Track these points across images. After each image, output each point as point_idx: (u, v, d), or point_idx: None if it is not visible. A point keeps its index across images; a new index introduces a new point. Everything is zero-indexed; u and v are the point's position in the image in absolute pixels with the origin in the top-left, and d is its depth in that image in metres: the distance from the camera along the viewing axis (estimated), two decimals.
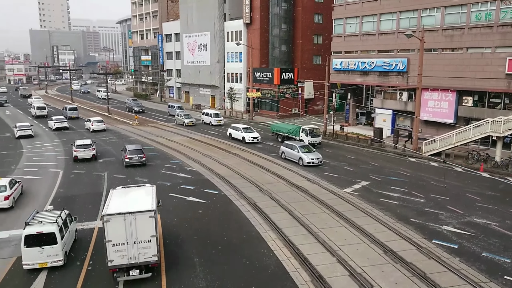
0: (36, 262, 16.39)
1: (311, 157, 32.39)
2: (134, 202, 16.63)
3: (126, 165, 32.22)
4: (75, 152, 34.16)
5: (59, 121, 50.79)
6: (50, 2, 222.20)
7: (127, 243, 15.32)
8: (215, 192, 26.03)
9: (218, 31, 67.03)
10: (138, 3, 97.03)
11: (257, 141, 41.22)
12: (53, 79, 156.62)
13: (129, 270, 15.52)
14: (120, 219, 15.21)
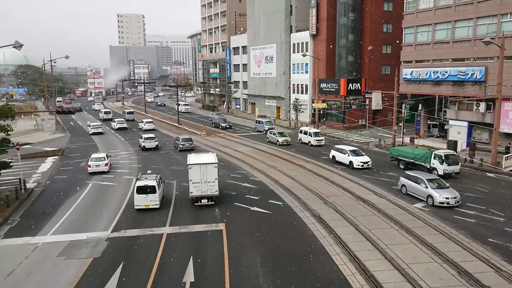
0: (142, 204, 24.66)
1: (445, 195, 24.80)
2: (204, 159, 26.26)
3: (180, 150, 43.30)
4: (143, 143, 44.81)
5: (119, 122, 62.33)
6: (128, 20, 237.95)
7: (201, 182, 25.15)
8: (279, 203, 26.04)
9: (284, 43, 67.60)
10: (208, 18, 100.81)
11: (367, 166, 34.49)
12: (129, 92, 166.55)
13: (201, 199, 25.31)
14: (197, 167, 25.18)
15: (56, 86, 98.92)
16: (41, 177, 34.27)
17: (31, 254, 19.36)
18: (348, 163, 35.49)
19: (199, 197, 25.33)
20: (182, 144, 43.71)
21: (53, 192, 29.89)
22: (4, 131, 26.69)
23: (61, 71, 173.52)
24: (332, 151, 38.15)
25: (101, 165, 34.69)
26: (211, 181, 25.28)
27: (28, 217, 24.54)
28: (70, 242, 20.58)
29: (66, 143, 51.38)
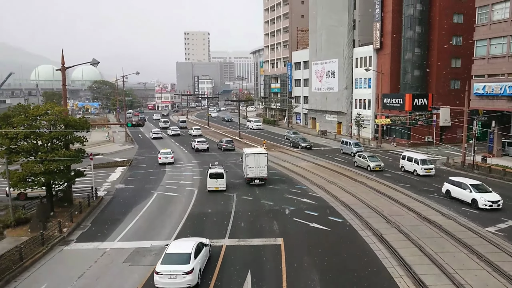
0: (213, 186, 32.84)
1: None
2: (257, 151, 36.72)
3: (223, 150, 54.25)
4: (196, 145, 54.92)
5: (174, 130, 75.08)
6: (194, 37, 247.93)
7: (255, 167, 34.71)
8: (339, 220, 25.48)
9: (346, 58, 66.82)
10: (271, 34, 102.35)
11: (498, 206, 27.03)
12: (193, 106, 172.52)
13: (254, 180, 34.78)
14: (252, 156, 34.86)
15: (127, 100, 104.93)
16: (110, 186, 36.32)
17: (99, 259, 20.47)
18: (471, 201, 27.90)
19: (253, 178, 34.86)
20: (225, 145, 55.43)
21: (121, 200, 31.54)
22: (80, 142, 28.68)
23: (131, 86, 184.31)
24: (446, 184, 30.59)
25: (169, 158, 46.04)
26: (262, 166, 34.96)
27: (98, 224, 26.05)
28: (135, 249, 21.51)
29: (134, 154, 54.11)
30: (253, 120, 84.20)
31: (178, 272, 16.69)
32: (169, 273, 16.73)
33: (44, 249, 21.33)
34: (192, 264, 17.10)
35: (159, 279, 16.82)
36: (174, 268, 16.82)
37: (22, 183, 25.58)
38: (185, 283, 16.68)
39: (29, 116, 26.27)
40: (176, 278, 16.68)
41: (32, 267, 19.66)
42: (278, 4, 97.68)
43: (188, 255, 17.43)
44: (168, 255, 17.62)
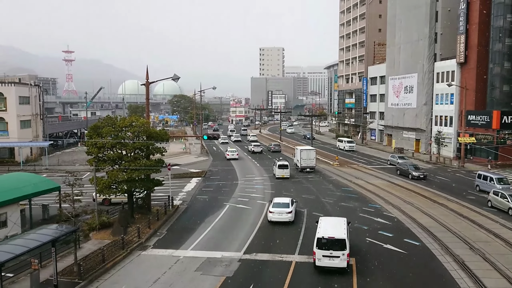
0: (281, 174, 44.27)
1: None
2: (307, 147, 51.12)
3: (272, 151, 65.57)
4: (252, 148, 68.70)
5: (236, 136, 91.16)
6: (269, 53, 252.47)
7: (307, 159, 48.29)
8: (416, 243, 24.10)
9: (427, 72, 63.83)
10: (346, 49, 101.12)
11: None
12: (266, 120, 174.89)
13: (306, 169, 48.30)
14: (305, 151, 48.97)
15: (203, 114, 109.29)
16: (186, 195, 37.78)
17: (173, 266, 21.27)
18: None
19: (305, 167, 48.33)
20: (273, 148, 70.17)
21: (195, 210, 32.64)
22: (160, 153, 30.29)
23: (208, 100, 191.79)
24: None
25: (235, 155, 59.79)
26: (311, 158, 48.54)
27: (173, 231, 27.15)
28: (207, 259, 22.06)
29: (208, 166, 55.91)
30: (346, 141, 72.92)
31: (283, 212, 27.71)
32: (278, 212, 27.71)
33: (124, 252, 22.65)
34: (291, 208, 28.11)
35: (271, 215, 27.78)
36: (281, 209, 27.81)
37: (107, 189, 27.51)
38: (287, 218, 27.61)
39: (116, 127, 28.34)
40: (282, 215, 27.65)
41: (112, 269, 20.94)
42: (354, 19, 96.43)
43: (288, 203, 28.47)
44: (276, 203, 28.51)
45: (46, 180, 30.77)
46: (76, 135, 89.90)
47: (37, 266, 17.68)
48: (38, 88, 65.29)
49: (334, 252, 19.24)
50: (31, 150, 60.14)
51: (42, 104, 65.62)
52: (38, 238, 17.36)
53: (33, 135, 60.96)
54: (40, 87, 67.98)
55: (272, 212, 27.71)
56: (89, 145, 28.14)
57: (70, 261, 20.90)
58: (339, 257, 19.20)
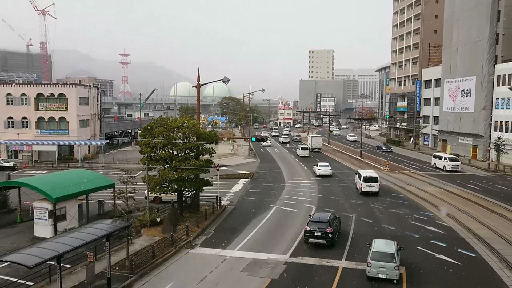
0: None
1: None
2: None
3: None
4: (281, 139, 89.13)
5: (285, 137, 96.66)
6: (319, 55, 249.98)
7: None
8: (471, 255, 22.89)
9: (486, 75, 60.53)
10: (399, 51, 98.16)
11: None
12: (315, 123, 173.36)
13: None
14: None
15: (251, 116, 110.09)
16: (233, 196, 38.21)
17: (220, 265, 21.57)
18: None
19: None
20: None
21: (242, 211, 32.93)
22: (209, 153, 30.88)
23: (256, 102, 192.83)
24: None
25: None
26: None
27: (220, 231, 27.55)
28: (253, 260, 22.17)
29: (256, 168, 56.21)
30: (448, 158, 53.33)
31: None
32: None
33: (173, 250, 23.27)
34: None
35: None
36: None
37: (159, 187, 28.42)
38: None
39: (168, 128, 29.23)
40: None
41: (162, 265, 21.57)
42: (408, 20, 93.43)
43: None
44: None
45: (102, 177, 32.32)
46: (130, 135, 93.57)
47: (92, 258, 18.58)
48: (96, 89, 68.73)
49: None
50: (89, 148, 63.36)
51: (99, 104, 68.97)
52: (94, 232, 18.22)
53: (91, 134, 64.21)
54: (98, 88, 71.51)
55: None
56: (142, 144, 29.24)
57: (122, 256, 21.77)
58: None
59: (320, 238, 23.66)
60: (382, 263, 19.23)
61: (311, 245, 24.30)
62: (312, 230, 23.86)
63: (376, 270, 19.31)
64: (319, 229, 23.76)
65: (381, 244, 20.63)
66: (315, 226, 23.94)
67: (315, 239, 23.82)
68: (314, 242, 24.01)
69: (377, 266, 19.28)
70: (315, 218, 24.95)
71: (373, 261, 19.40)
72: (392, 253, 19.55)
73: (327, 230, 23.76)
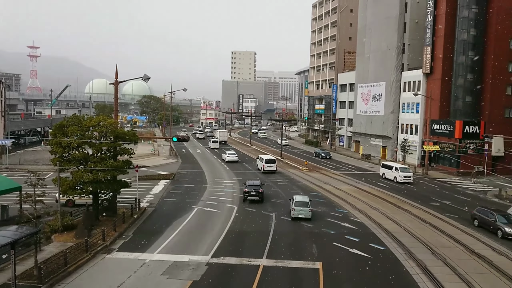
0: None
1: None
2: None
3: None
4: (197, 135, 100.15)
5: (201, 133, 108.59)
6: (241, 57, 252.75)
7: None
8: (381, 248, 24.60)
9: (394, 82, 65.58)
10: (317, 55, 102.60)
11: None
12: (236, 124, 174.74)
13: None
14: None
15: (173, 116, 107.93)
16: (153, 198, 37.14)
17: (139, 270, 20.82)
18: None
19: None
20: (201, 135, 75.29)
21: (162, 213, 32.12)
22: (128, 154, 29.66)
23: (178, 102, 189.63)
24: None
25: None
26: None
27: (139, 234, 26.60)
28: (174, 263, 21.71)
29: (177, 168, 55.23)
30: (399, 168, 48.05)
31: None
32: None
33: (88, 256, 21.98)
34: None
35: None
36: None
37: (72, 190, 26.65)
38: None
39: (83, 127, 27.55)
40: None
41: (75, 272, 20.27)
42: (326, 26, 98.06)
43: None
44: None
45: (5, 180, 29.56)
46: (40, 134, 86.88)
47: None
48: (0, 83, 62.75)
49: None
50: None
51: (4, 100, 63.04)
52: None
53: None
54: (3, 82, 65.36)
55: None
56: (53, 144, 27.20)
57: (30, 264, 20.10)
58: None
59: (255, 196, 35.05)
60: (301, 208, 29.90)
61: (233, 245, 24.52)
62: (249, 191, 35.18)
63: (297, 213, 29.85)
64: (254, 190, 35.20)
65: (299, 197, 31.59)
66: (251, 188, 35.38)
67: (251, 197, 35.13)
68: (251, 199, 35.17)
69: (298, 210, 29.87)
70: (250, 183, 36.32)
71: (296, 207, 29.99)
72: (307, 202, 30.58)
73: (259, 191, 35.42)
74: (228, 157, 61.64)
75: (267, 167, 51.16)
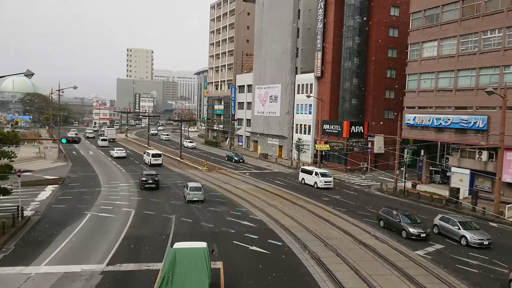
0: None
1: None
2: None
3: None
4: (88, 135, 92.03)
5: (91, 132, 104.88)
6: (137, 54, 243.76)
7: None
8: (278, 244, 25.61)
9: (289, 84, 68.77)
10: (216, 56, 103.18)
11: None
12: (133, 124, 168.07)
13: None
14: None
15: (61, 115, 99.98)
16: (39, 205, 33.96)
17: (23, 285, 18.87)
18: None
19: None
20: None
21: (50, 221, 29.52)
22: (8, 157, 26.72)
23: (67, 100, 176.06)
24: None
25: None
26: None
27: (22, 246, 24.12)
28: (64, 274, 20.10)
29: (67, 172, 51.29)
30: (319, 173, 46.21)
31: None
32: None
33: None
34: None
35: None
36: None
37: None
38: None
39: None
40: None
41: None
42: (224, 28, 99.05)
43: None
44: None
45: None
46: None
47: None
48: None
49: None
50: None
51: None
52: None
53: None
54: None
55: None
56: None
57: None
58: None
59: (152, 184, 40.49)
60: (195, 192, 35.42)
61: (131, 251, 23.54)
62: (146, 179, 40.60)
63: (192, 196, 35.22)
64: (151, 178, 40.84)
65: (193, 184, 37.25)
66: (148, 177, 40.88)
67: (149, 185, 40.43)
68: (148, 187, 40.38)
69: (193, 194, 35.20)
70: (146, 172, 42.04)
71: (190, 192, 35.33)
72: (200, 187, 36.40)
73: (156, 179, 41.04)
74: (116, 153, 65.21)
75: (153, 161, 57.55)
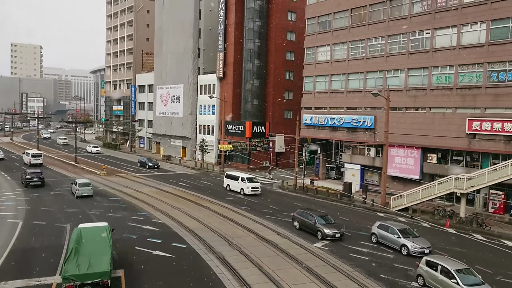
0: None
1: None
2: None
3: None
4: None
5: None
6: (24, 50, 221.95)
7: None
8: (183, 246, 25.24)
9: (191, 84, 68.20)
10: (113, 54, 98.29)
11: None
12: (20, 126, 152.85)
13: None
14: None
15: None
16: None
17: None
18: None
19: None
20: None
21: None
22: None
23: None
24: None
25: None
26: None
27: None
28: None
29: None
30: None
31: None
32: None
33: None
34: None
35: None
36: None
37: None
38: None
39: None
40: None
41: None
42: (122, 25, 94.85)
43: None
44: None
45: None
46: None
47: None
48: None
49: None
50: None
51: None
52: None
53: None
54: None
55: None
56: None
57: None
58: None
59: (37, 182, 41.68)
60: (84, 188, 37.37)
61: (18, 266, 21.35)
62: (31, 177, 41.47)
63: (81, 192, 37.16)
64: (36, 176, 41.87)
65: (82, 180, 38.96)
66: (33, 174, 41.93)
67: (34, 182, 41.46)
68: (33, 184, 41.51)
69: (82, 190, 37.24)
70: (31, 171, 43.00)
71: (79, 187, 37.24)
72: (89, 183, 38.39)
73: (41, 177, 42.35)
74: None
75: (33, 160, 57.24)
